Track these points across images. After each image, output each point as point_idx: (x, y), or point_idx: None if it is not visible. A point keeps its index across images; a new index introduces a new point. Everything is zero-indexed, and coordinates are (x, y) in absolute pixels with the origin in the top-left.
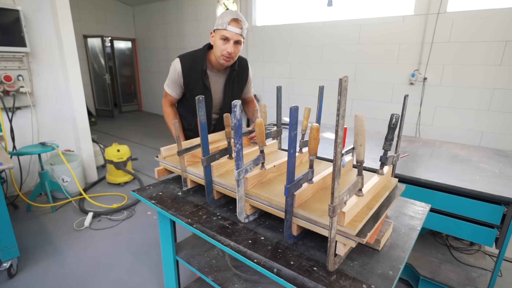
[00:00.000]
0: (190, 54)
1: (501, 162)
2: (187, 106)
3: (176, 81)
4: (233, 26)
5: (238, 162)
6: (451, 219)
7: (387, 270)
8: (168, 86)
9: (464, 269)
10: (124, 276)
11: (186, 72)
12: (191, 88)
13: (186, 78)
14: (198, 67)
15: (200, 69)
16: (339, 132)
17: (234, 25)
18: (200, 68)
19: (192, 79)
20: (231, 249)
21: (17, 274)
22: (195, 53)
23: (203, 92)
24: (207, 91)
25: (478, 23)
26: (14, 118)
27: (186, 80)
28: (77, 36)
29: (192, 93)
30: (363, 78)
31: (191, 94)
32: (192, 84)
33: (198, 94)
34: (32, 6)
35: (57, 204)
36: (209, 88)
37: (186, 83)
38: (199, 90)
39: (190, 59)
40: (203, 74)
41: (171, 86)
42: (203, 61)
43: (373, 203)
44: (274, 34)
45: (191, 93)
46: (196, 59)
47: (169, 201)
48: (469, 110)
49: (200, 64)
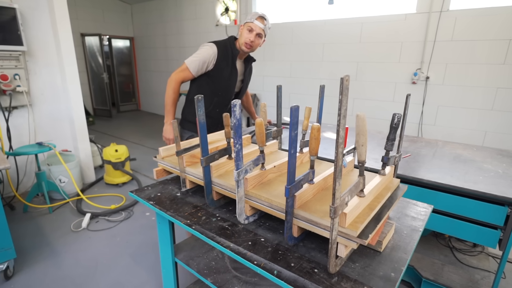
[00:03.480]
0: (221, 41)
1: (504, 163)
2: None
3: (206, 61)
4: (259, 21)
5: (237, 162)
6: (454, 220)
7: (389, 272)
8: (193, 63)
9: (467, 271)
10: (122, 278)
11: (221, 55)
12: (222, 68)
13: (219, 60)
14: (229, 52)
15: (230, 54)
16: (341, 132)
17: (259, 21)
18: (231, 53)
19: (224, 62)
20: (230, 250)
21: (14, 276)
22: (224, 41)
23: (230, 73)
24: (235, 72)
25: (481, 21)
26: (11, 117)
27: (219, 62)
28: (75, 35)
29: (222, 74)
30: (365, 77)
31: (220, 74)
32: (223, 66)
33: (226, 75)
34: (28, 4)
35: (54, 205)
36: (237, 71)
37: (218, 64)
38: (228, 72)
39: (223, 45)
40: (233, 58)
41: (196, 64)
42: (234, 47)
43: (375, 204)
44: (275, 32)
45: (220, 73)
46: (227, 46)
47: (167, 202)
48: (472, 110)
49: (231, 50)
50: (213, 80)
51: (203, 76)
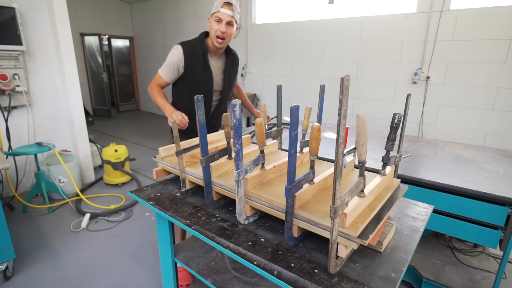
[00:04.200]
0: (189, 41)
1: (505, 163)
2: (183, 92)
3: (175, 65)
4: (225, 8)
5: (237, 162)
6: (455, 221)
7: (390, 273)
8: (163, 70)
9: (467, 271)
10: (121, 278)
11: (188, 55)
12: (193, 70)
13: (187, 61)
14: (198, 50)
15: (200, 52)
16: (341, 132)
17: (226, 8)
18: (201, 51)
19: (194, 61)
20: (230, 251)
21: (13, 276)
22: (193, 40)
23: (204, 72)
24: (208, 71)
25: (482, 21)
26: (10, 117)
27: (188, 63)
28: (74, 34)
29: (194, 74)
30: (365, 77)
31: (192, 76)
32: (193, 66)
33: (200, 76)
34: (28, 4)
35: (53, 205)
36: (210, 69)
37: (187, 66)
38: (200, 71)
39: (190, 44)
40: (203, 56)
41: (166, 70)
42: (203, 44)
43: (375, 204)
44: (275, 32)
45: (192, 75)
46: (195, 44)
47: (167, 202)
48: (472, 110)
49: (200, 47)
50: (188, 84)
51: (178, 81)
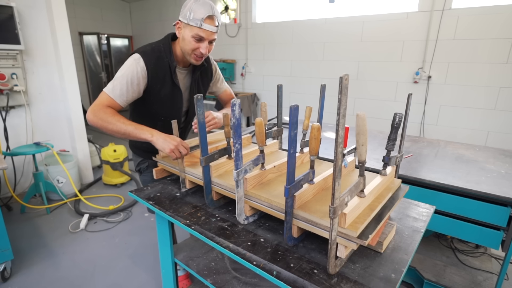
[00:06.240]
0: (151, 48)
1: (507, 163)
2: (144, 113)
3: (135, 83)
4: (209, 24)
5: (237, 162)
6: (456, 221)
7: (390, 273)
8: (116, 90)
9: (469, 272)
10: (120, 279)
11: (152, 70)
12: (158, 89)
13: (152, 78)
14: (164, 63)
15: (167, 66)
16: (340, 131)
17: (210, 23)
18: (167, 64)
19: (160, 78)
20: (230, 251)
21: (11, 277)
22: (156, 47)
23: (171, 92)
24: (177, 90)
25: (483, 20)
26: (8, 117)
27: (153, 80)
28: (73, 34)
29: (159, 94)
30: (366, 77)
31: (157, 96)
32: (159, 84)
33: (166, 95)
34: (26, 3)
35: (52, 205)
36: (179, 87)
37: (151, 84)
38: (167, 90)
39: (153, 54)
40: (172, 72)
41: (120, 89)
42: (170, 57)
43: (376, 204)
44: (275, 31)
45: (157, 95)
46: (161, 55)
47: (167, 202)
48: (474, 109)
49: (167, 60)
50: (151, 104)
51: (134, 105)
